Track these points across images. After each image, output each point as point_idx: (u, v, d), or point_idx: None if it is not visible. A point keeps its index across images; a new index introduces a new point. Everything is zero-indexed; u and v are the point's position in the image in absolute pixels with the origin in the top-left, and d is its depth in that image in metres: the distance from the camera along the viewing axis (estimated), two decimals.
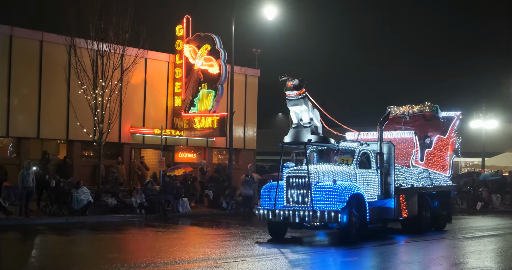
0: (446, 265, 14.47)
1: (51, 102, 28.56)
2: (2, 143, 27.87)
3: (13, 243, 18.25)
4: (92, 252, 16.24)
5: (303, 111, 18.57)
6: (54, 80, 28.21)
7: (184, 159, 34.35)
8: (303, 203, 17.60)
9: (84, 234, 20.76)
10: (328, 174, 17.99)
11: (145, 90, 32.27)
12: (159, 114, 32.93)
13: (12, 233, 19.88)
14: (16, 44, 27.73)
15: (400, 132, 21.55)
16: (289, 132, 18.94)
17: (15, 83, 27.60)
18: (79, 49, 26.88)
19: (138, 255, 14.93)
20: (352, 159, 19.03)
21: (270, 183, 18.96)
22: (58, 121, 28.82)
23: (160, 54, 33.10)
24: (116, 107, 27.91)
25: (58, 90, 28.40)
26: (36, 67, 28.40)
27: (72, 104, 27.61)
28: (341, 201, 17.11)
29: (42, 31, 28.62)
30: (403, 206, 19.64)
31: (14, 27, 27.80)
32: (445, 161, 23.04)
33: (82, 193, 23.77)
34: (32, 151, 27.95)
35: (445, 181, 22.98)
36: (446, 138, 23.05)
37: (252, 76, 37.48)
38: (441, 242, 19.13)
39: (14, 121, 27.52)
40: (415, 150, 21.04)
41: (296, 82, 18.16)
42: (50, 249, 17.07)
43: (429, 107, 23.03)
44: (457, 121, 23.75)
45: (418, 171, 21.10)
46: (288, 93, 18.36)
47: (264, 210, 18.07)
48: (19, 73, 27.71)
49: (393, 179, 19.38)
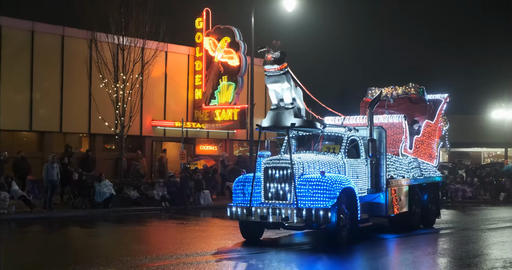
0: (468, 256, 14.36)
1: (73, 96, 28.82)
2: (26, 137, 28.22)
3: (37, 236, 18.47)
4: (115, 244, 16.38)
5: (285, 90, 15.79)
6: (76, 75, 28.45)
7: (205, 151, 34.48)
8: (285, 199, 14.90)
9: (106, 226, 20.94)
10: (314, 164, 15.38)
11: (165, 83, 32.42)
12: (180, 107, 33.06)
13: (36, 226, 20.12)
14: (38, 39, 28.00)
15: (387, 116, 19.08)
16: (267, 115, 16.12)
17: (37, 78, 27.89)
18: (100, 43, 27.05)
19: (161, 247, 15.03)
20: (339, 147, 16.35)
21: (244, 175, 16.40)
22: (80, 115, 29.07)
23: (180, 47, 33.21)
24: (137, 101, 28.08)
25: (79, 84, 28.63)
26: (57, 62, 28.67)
27: (94, 98, 27.83)
28: (331, 197, 14.53)
29: (63, 26, 28.87)
30: (395, 201, 17.46)
31: (35, 22, 28.07)
32: (432, 149, 21.05)
33: (104, 186, 23.97)
34: (55, 145, 28.24)
35: (434, 172, 20.96)
36: (434, 124, 21.00)
37: None
38: (464, 232, 18.97)
39: (37, 115, 27.82)
40: (404, 137, 18.67)
41: (277, 54, 15.43)
42: (74, 241, 17.26)
43: (415, 88, 20.78)
44: (444, 105, 21.70)
45: (408, 161, 18.93)
46: (267, 67, 15.61)
47: (237, 207, 15.29)
48: (41, 68, 27.99)
49: (384, 170, 17.12)
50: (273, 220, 14.79)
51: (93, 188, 23.82)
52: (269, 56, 15.47)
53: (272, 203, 14.97)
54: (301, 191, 14.72)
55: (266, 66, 15.60)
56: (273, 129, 16.45)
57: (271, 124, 15.90)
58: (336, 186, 14.64)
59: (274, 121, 15.83)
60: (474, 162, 49.81)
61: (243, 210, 15.11)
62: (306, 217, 14.38)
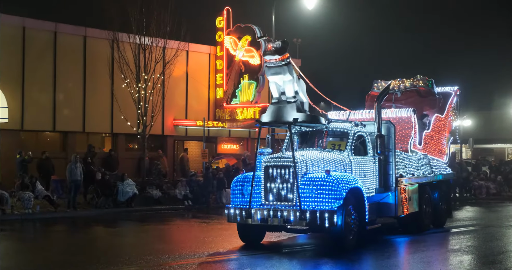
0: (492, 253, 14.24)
1: (95, 96, 29.04)
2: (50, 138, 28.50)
3: (61, 235, 18.66)
4: (138, 243, 16.49)
5: (287, 82, 14.59)
6: (98, 75, 28.67)
7: (227, 150, 34.55)
8: (287, 200, 13.87)
9: (129, 225, 21.08)
10: (318, 162, 14.34)
11: (187, 82, 32.53)
12: (201, 106, 33.16)
13: (60, 225, 20.33)
14: (60, 40, 28.25)
15: (395, 110, 17.98)
16: (268, 109, 14.93)
17: (60, 78, 28.15)
18: (121, 43, 27.22)
19: (183, 246, 15.09)
20: (345, 144, 15.29)
21: (243, 174, 15.40)
22: (103, 115, 29.29)
23: (201, 46, 33.29)
24: (159, 100, 28.21)
25: (102, 84, 28.84)
26: (80, 62, 28.91)
27: (116, 98, 28.02)
28: (337, 198, 13.52)
29: (85, 27, 29.09)
30: (404, 201, 16.36)
31: (58, 23, 28.33)
32: (442, 144, 19.97)
33: (127, 186, 24.13)
34: (78, 145, 28.48)
35: (444, 169, 19.89)
36: (443, 118, 19.90)
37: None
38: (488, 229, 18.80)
39: (60, 116, 28.08)
40: (413, 132, 17.59)
41: (278, 44, 14.27)
42: (97, 240, 17.40)
43: (423, 81, 19.73)
44: (454, 98, 20.59)
45: (417, 157, 17.98)
46: (268, 58, 14.44)
47: (236, 209, 14.30)
48: (63, 69, 28.24)
49: (393, 168, 16.01)
50: (274, 223, 13.81)
51: (116, 187, 23.98)
52: (269, 45, 14.39)
53: (273, 205, 13.96)
54: (305, 191, 13.71)
55: (267, 56, 14.46)
56: (274, 124, 15.33)
57: (272, 119, 14.71)
58: (343, 186, 13.64)
59: (275, 116, 14.64)
60: (498, 158, 49.34)
61: (242, 212, 14.10)
62: (310, 220, 13.36)
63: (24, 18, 27.45)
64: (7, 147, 26.11)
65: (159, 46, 27.80)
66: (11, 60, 26.89)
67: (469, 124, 49.89)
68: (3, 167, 25.45)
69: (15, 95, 26.73)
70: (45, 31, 27.95)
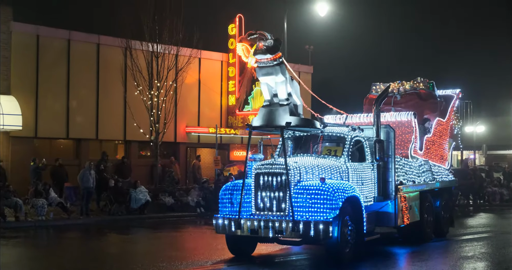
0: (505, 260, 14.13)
1: (108, 103, 29.20)
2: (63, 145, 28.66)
3: (74, 242, 18.72)
4: (151, 250, 16.51)
5: (279, 83, 13.66)
6: (111, 82, 28.83)
7: (240, 157, 34.57)
8: (279, 210, 12.98)
9: (142, 232, 21.12)
10: (312, 169, 13.49)
11: (199, 89, 32.63)
12: (213, 113, 33.24)
13: (73, 232, 20.40)
14: (74, 48, 28.47)
15: (395, 114, 17.10)
16: (259, 112, 13.93)
17: (74, 86, 28.35)
18: (134, 51, 27.38)
19: (196, 253, 15.11)
20: (342, 149, 14.41)
21: (233, 182, 14.27)
22: (116, 122, 29.44)
23: (213, 54, 33.41)
24: (172, 107, 28.31)
25: (115, 91, 29.00)
26: (93, 70, 29.10)
27: (129, 105, 28.16)
28: (333, 208, 12.62)
29: (98, 34, 29.30)
30: (405, 210, 15.45)
31: (71, 31, 28.55)
32: (444, 150, 19.16)
33: (140, 193, 24.19)
34: (91, 152, 28.62)
35: (446, 175, 19.04)
36: (445, 122, 19.14)
37: (305, 73, 37.44)
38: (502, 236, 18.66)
39: (74, 123, 28.27)
40: (413, 137, 16.75)
41: (270, 42, 13.34)
42: (110, 247, 17.44)
43: (424, 83, 18.84)
44: (456, 101, 19.91)
45: (418, 164, 17.12)
46: (259, 57, 13.49)
47: (224, 219, 13.38)
48: (77, 76, 28.44)
49: (393, 175, 15.15)
50: (265, 235, 12.84)
51: (129, 194, 24.05)
52: (260, 44, 13.41)
53: (264, 215, 13.04)
54: (298, 200, 12.81)
55: (257, 55, 13.49)
56: (265, 128, 14.21)
57: (263, 123, 13.70)
58: (339, 195, 12.73)
59: (266, 120, 13.64)
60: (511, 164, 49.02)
61: (231, 223, 13.19)
62: (304, 232, 12.44)
63: (38, 26, 27.69)
64: (21, 154, 26.31)
65: (172, 53, 27.92)
66: (25, 68, 27.14)
67: (482, 130, 49.62)
68: (17, 174, 25.64)
69: (29, 102, 26.94)
70: (58, 39, 28.18)
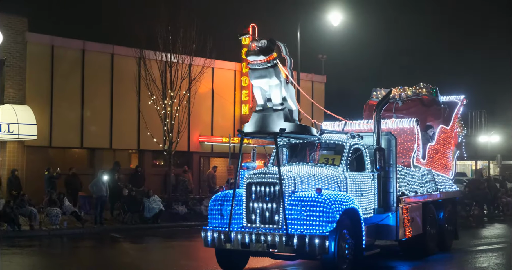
0: None
1: (122, 113, 29.35)
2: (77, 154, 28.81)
3: (88, 251, 18.80)
4: (164, 259, 16.54)
5: (273, 87, 12.85)
6: (125, 92, 29.00)
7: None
8: (272, 223, 12.13)
9: (156, 241, 21.15)
10: (308, 179, 12.59)
11: (212, 99, 32.73)
12: (227, 122, 33.31)
13: (87, 241, 20.48)
14: (88, 58, 28.69)
15: (396, 120, 16.24)
16: (251, 118, 13.15)
17: (88, 95, 28.54)
18: (148, 60, 27.52)
19: (209, 262, 15.09)
20: (340, 158, 13.53)
21: (223, 192, 13.38)
22: (130, 132, 29.58)
23: (226, 63, 33.53)
24: (185, 117, 28.40)
25: (128, 101, 29.16)
26: (107, 80, 29.29)
27: (143, 114, 28.29)
28: (329, 221, 11.75)
29: (112, 45, 29.49)
30: (407, 223, 14.61)
31: (86, 41, 28.77)
32: (448, 159, 18.31)
33: (153, 202, 24.25)
34: (105, 161, 28.75)
35: (450, 185, 18.23)
36: (449, 129, 18.26)
37: (318, 82, 37.48)
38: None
39: (88, 132, 28.43)
40: (416, 145, 15.90)
41: (264, 42, 12.59)
42: (123, 256, 17.48)
43: (427, 89, 18.01)
44: (461, 108, 19.02)
45: (421, 173, 16.28)
46: (251, 58, 12.67)
47: (213, 232, 12.57)
48: (91, 86, 28.64)
49: (394, 186, 14.28)
50: (257, 249, 12.05)
51: (142, 203, 24.12)
52: (253, 44, 12.60)
53: (256, 228, 12.21)
54: (292, 213, 11.94)
55: (250, 57, 12.64)
56: (257, 135, 13.37)
57: (256, 129, 12.89)
58: (336, 206, 11.86)
59: (259, 126, 12.82)
60: None
61: (220, 236, 12.40)
62: (298, 246, 11.60)
63: (53, 37, 27.95)
64: (35, 163, 26.48)
65: (185, 63, 28.04)
66: (40, 78, 27.37)
67: (497, 140, 49.28)
68: (32, 183, 25.81)
69: (44, 112, 27.15)
70: (73, 49, 28.41)
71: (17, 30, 26.81)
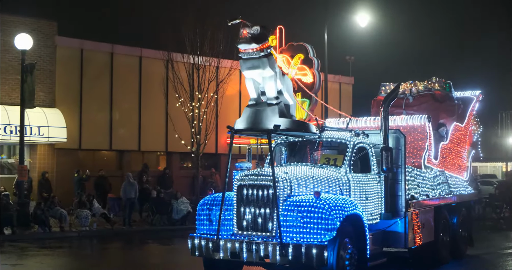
0: None
1: (150, 115, 29.54)
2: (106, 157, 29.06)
3: (117, 253, 18.93)
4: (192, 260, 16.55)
5: (267, 79, 11.58)
6: (153, 94, 29.19)
7: None
8: (265, 230, 10.86)
9: (183, 243, 21.04)
10: (306, 182, 11.32)
11: (240, 101, 32.75)
12: None
13: (116, 242, 20.62)
14: (117, 61, 28.94)
15: (406, 117, 14.97)
16: (243, 113, 11.98)
17: (117, 98, 28.78)
18: (176, 63, 27.65)
19: None
20: (342, 158, 12.27)
21: (212, 195, 12.09)
22: (158, 134, 29.75)
23: None
24: (212, 119, 28.47)
25: (156, 103, 29.34)
26: (135, 82, 29.50)
27: (170, 117, 28.43)
28: (328, 229, 10.45)
29: (140, 48, 29.71)
30: (417, 229, 13.35)
31: (114, 45, 29.01)
32: (462, 159, 17.07)
33: (181, 204, 24.34)
34: (134, 163, 28.96)
35: (465, 187, 16.90)
36: (464, 127, 17.00)
37: (346, 84, 37.34)
38: None
39: (117, 135, 28.67)
40: (427, 144, 14.64)
41: (257, 29, 11.18)
42: (152, 258, 17.57)
43: (439, 83, 16.74)
44: (476, 104, 17.77)
45: (433, 175, 15.01)
46: (242, 47, 11.36)
47: (201, 239, 11.41)
48: (120, 89, 28.87)
49: (403, 188, 13.01)
50: (249, 259, 10.74)
51: (170, 205, 24.23)
52: (244, 31, 11.26)
53: (247, 235, 10.97)
54: (287, 219, 10.66)
55: (241, 45, 11.34)
56: (250, 132, 12.19)
57: (247, 126, 11.77)
58: (336, 212, 10.55)
59: (251, 122, 11.66)
60: None
61: (208, 244, 11.19)
62: (293, 257, 10.31)
63: (82, 40, 28.25)
64: (65, 166, 26.78)
65: (213, 65, 28.11)
66: (69, 81, 27.67)
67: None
68: (62, 185, 26.10)
69: (73, 115, 27.44)
70: (102, 53, 28.68)
71: (46, 34, 27.15)
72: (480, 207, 29.15)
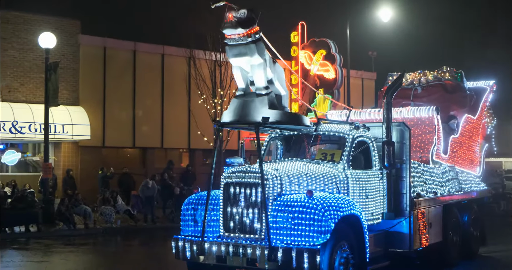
0: None
1: (173, 112, 29.67)
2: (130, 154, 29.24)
3: (141, 249, 19.05)
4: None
5: (256, 67, 10.44)
6: (175, 91, 29.30)
7: None
8: (253, 232, 10.00)
9: None
10: (298, 179, 10.34)
11: None
12: None
13: (140, 239, 20.78)
14: (139, 58, 29.10)
15: (413, 109, 13.78)
16: (230, 104, 10.85)
17: (139, 96, 28.94)
18: (198, 60, 27.73)
19: None
20: (340, 153, 11.22)
21: (197, 194, 11.18)
22: (180, 131, 29.87)
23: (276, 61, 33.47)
24: None
25: (179, 100, 29.46)
26: (158, 80, 29.64)
27: (193, 114, 28.52)
28: (322, 231, 9.51)
29: (163, 45, 29.83)
30: (423, 229, 12.29)
31: (137, 42, 29.17)
32: (474, 153, 15.92)
33: None
34: (157, 160, 29.12)
35: (477, 184, 15.86)
36: (476, 120, 15.86)
37: (368, 80, 37.17)
38: None
39: (140, 132, 28.83)
40: (436, 137, 13.52)
41: (243, 13, 10.04)
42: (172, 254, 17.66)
43: (450, 73, 15.69)
44: (490, 95, 16.62)
45: (441, 170, 13.88)
46: (228, 32, 10.20)
47: (185, 242, 10.50)
48: (142, 86, 29.03)
49: (407, 186, 12.01)
50: (235, 264, 9.93)
51: None
52: (230, 15, 10.08)
53: (234, 237, 10.10)
54: (277, 220, 9.76)
55: (226, 30, 10.16)
56: (237, 125, 11.11)
57: (234, 118, 10.62)
58: (331, 213, 9.62)
59: (238, 114, 10.56)
60: None
61: (193, 247, 10.32)
62: (283, 262, 9.41)
63: (105, 39, 28.44)
64: (89, 163, 27.03)
65: None
66: (92, 79, 27.90)
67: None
68: (86, 182, 26.33)
69: (97, 113, 27.65)
70: (124, 50, 28.86)
71: (70, 32, 27.39)
72: (504, 203, 28.87)
